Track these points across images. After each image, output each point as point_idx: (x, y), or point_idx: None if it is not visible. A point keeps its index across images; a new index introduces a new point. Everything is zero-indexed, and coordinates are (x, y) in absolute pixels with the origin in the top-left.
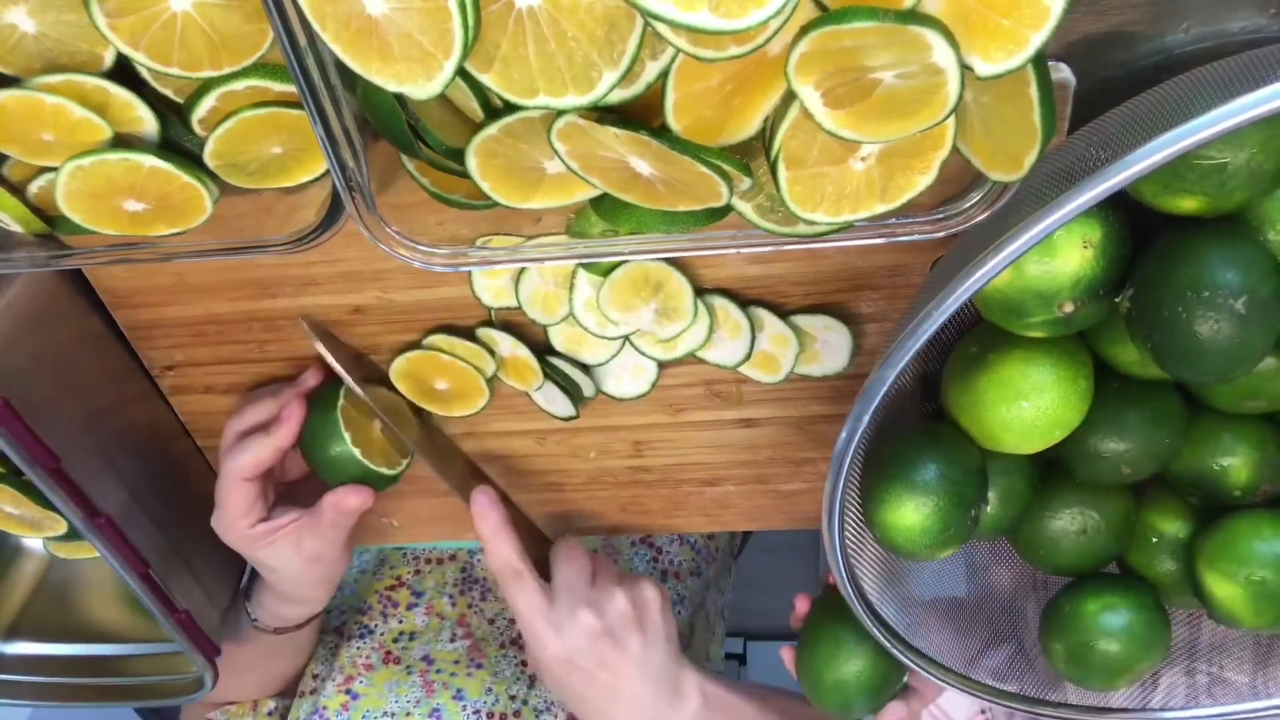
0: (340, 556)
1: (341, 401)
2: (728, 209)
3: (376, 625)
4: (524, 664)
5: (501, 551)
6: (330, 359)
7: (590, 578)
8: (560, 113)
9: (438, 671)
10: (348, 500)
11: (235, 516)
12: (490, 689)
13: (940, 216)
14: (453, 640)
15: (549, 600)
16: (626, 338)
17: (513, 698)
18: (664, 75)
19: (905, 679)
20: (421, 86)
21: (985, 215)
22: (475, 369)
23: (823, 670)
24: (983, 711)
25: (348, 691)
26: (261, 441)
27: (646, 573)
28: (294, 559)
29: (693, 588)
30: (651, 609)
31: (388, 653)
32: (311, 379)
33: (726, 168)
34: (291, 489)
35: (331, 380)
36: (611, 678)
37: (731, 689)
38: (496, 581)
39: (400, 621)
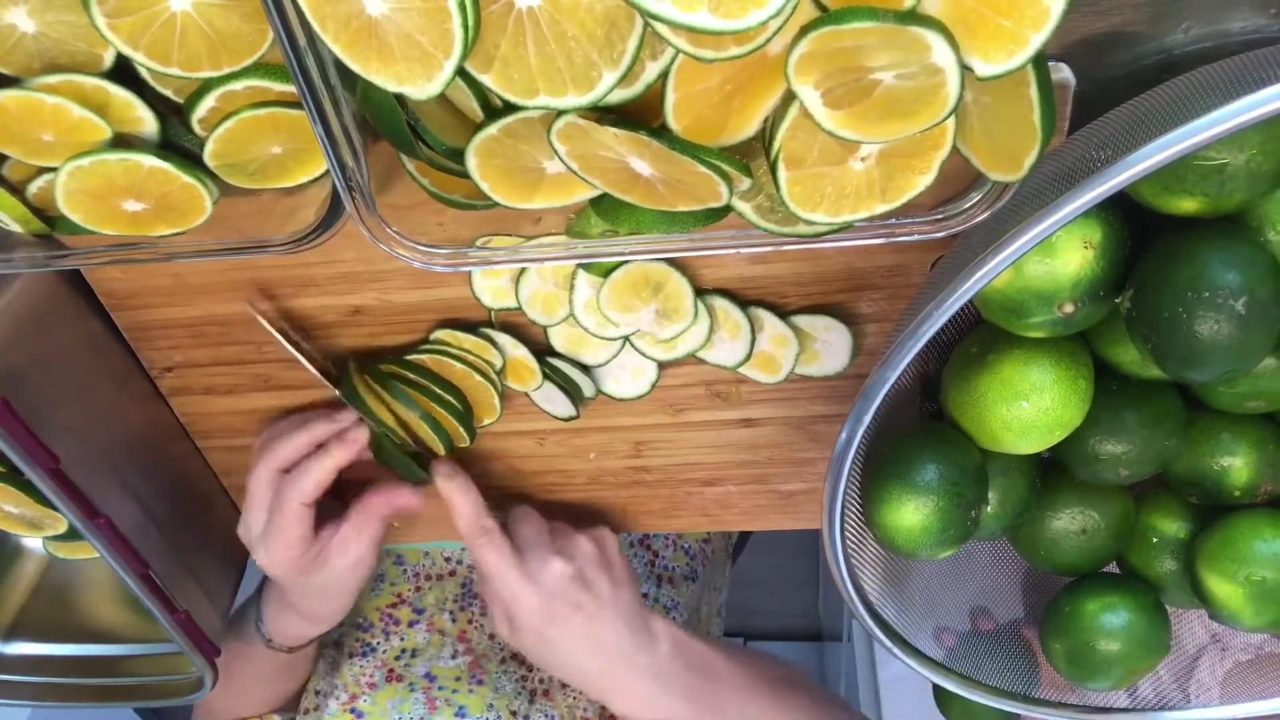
0: (376, 559)
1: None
2: (728, 209)
3: (379, 643)
4: (524, 679)
5: (468, 511)
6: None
7: (549, 531)
8: (560, 113)
9: (440, 689)
10: (397, 500)
11: (289, 547)
12: (491, 705)
13: (940, 217)
14: (454, 657)
15: (518, 555)
16: (626, 338)
17: (514, 713)
18: (664, 75)
19: None
20: (421, 86)
21: (985, 215)
22: (488, 382)
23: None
24: None
25: (352, 710)
26: (320, 462)
27: (643, 576)
28: (340, 571)
29: (687, 593)
30: (611, 549)
31: (390, 670)
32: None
33: (726, 168)
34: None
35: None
36: (587, 621)
37: (699, 639)
38: (464, 542)
39: (402, 639)
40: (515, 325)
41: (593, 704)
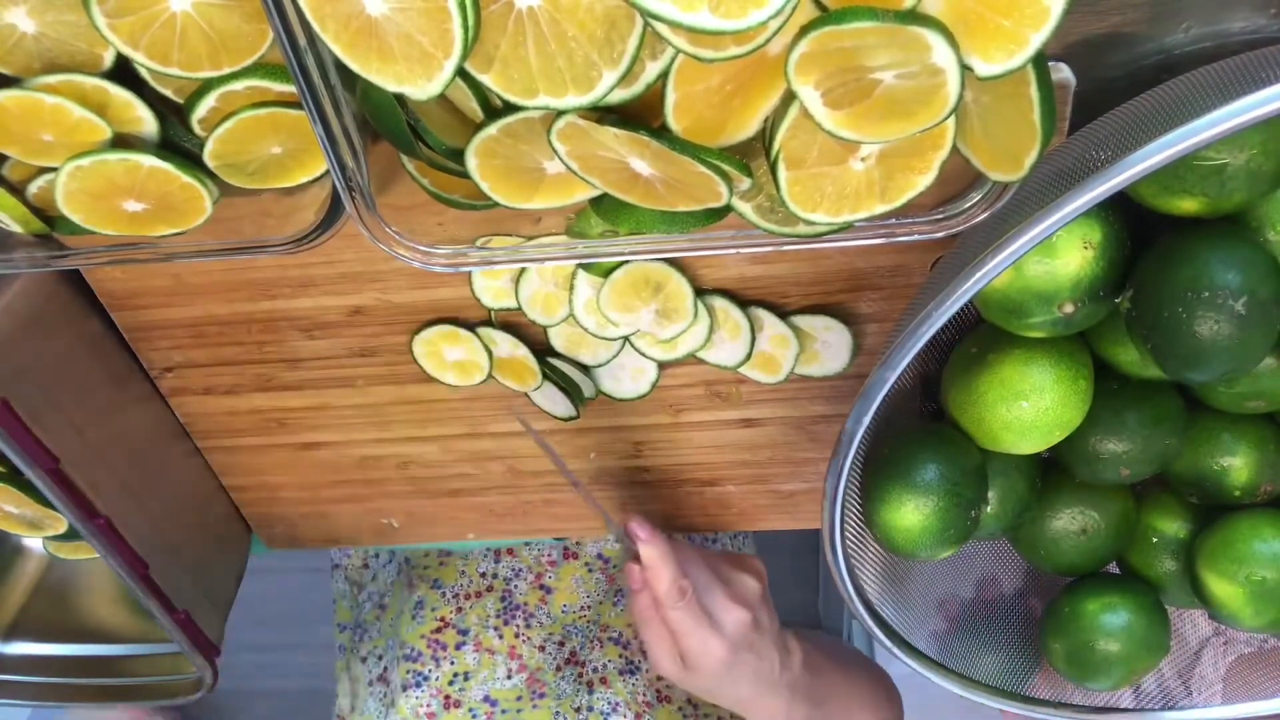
0: None
1: None
2: (728, 209)
3: (430, 670)
4: (579, 675)
5: (668, 576)
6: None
7: (715, 573)
8: (560, 113)
9: (503, 712)
10: None
11: None
12: (557, 713)
13: (940, 217)
14: (510, 677)
15: (704, 609)
16: (626, 338)
17: (577, 709)
18: (664, 75)
19: None
20: (421, 86)
21: (985, 215)
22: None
23: None
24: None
25: None
26: None
27: None
28: None
29: None
30: (765, 581)
31: (447, 697)
32: None
33: (726, 168)
34: None
35: None
36: (757, 660)
37: (805, 638)
38: (657, 601)
39: (452, 663)
40: (515, 325)
41: (650, 687)
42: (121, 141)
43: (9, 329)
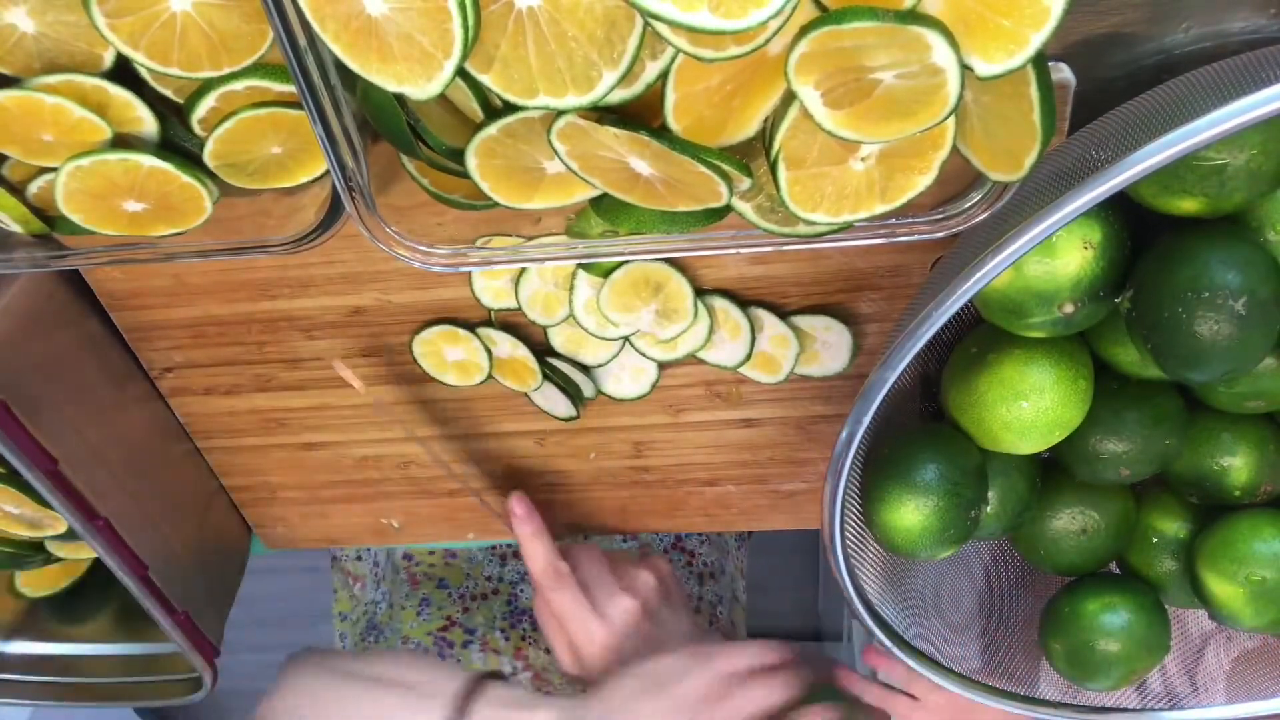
0: None
1: None
2: (728, 209)
3: None
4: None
5: (542, 555)
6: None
7: (610, 567)
8: (560, 113)
9: None
10: None
11: None
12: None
13: (940, 217)
14: (515, 674)
15: (588, 595)
16: (626, 339)
17: None
18: (664, 75)
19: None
20: (421, 87)
21: (985, 215)
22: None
23: None
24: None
25: None
26: None
27: (685, 577)
28: None
29: (724, 585)
30: (669, 577)
31: None
32: None
33: (726, 168)
34: None
35: None
36: (653, 652)
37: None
38: (536, 585)
39: (459, 661)
40: (515, 325)
41: None
42: (121, 141)
43: (9, 329)
